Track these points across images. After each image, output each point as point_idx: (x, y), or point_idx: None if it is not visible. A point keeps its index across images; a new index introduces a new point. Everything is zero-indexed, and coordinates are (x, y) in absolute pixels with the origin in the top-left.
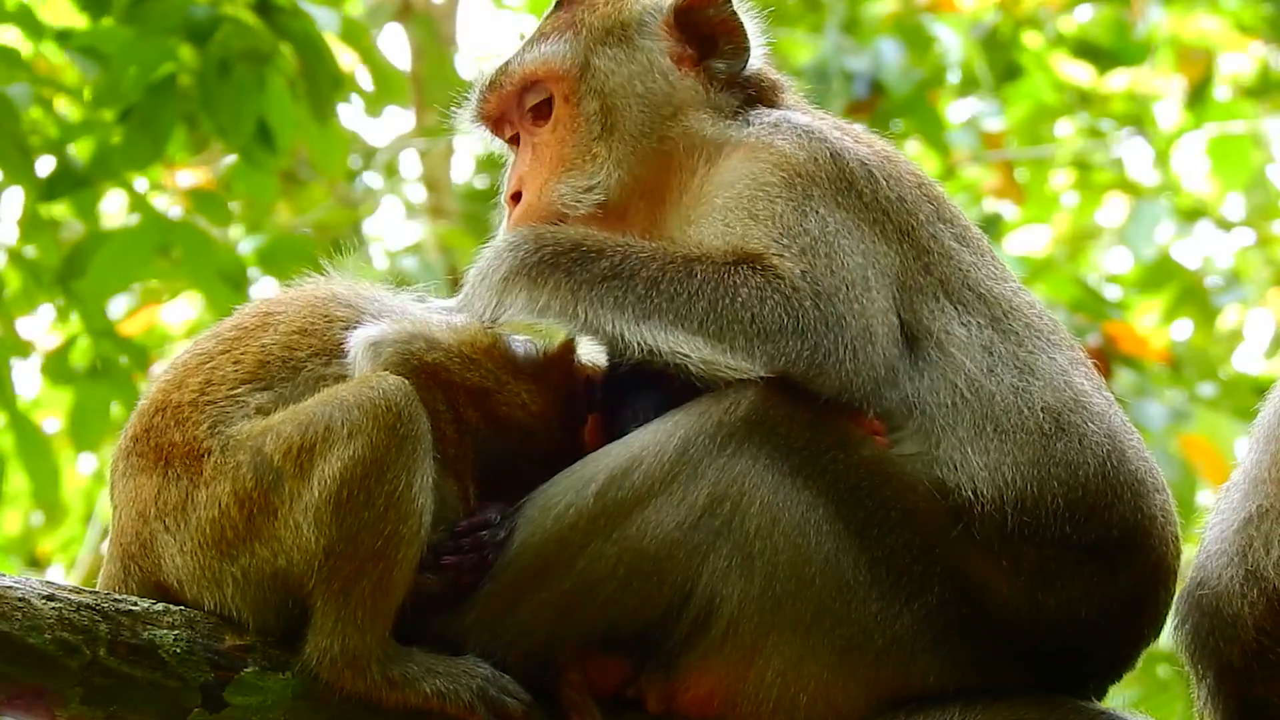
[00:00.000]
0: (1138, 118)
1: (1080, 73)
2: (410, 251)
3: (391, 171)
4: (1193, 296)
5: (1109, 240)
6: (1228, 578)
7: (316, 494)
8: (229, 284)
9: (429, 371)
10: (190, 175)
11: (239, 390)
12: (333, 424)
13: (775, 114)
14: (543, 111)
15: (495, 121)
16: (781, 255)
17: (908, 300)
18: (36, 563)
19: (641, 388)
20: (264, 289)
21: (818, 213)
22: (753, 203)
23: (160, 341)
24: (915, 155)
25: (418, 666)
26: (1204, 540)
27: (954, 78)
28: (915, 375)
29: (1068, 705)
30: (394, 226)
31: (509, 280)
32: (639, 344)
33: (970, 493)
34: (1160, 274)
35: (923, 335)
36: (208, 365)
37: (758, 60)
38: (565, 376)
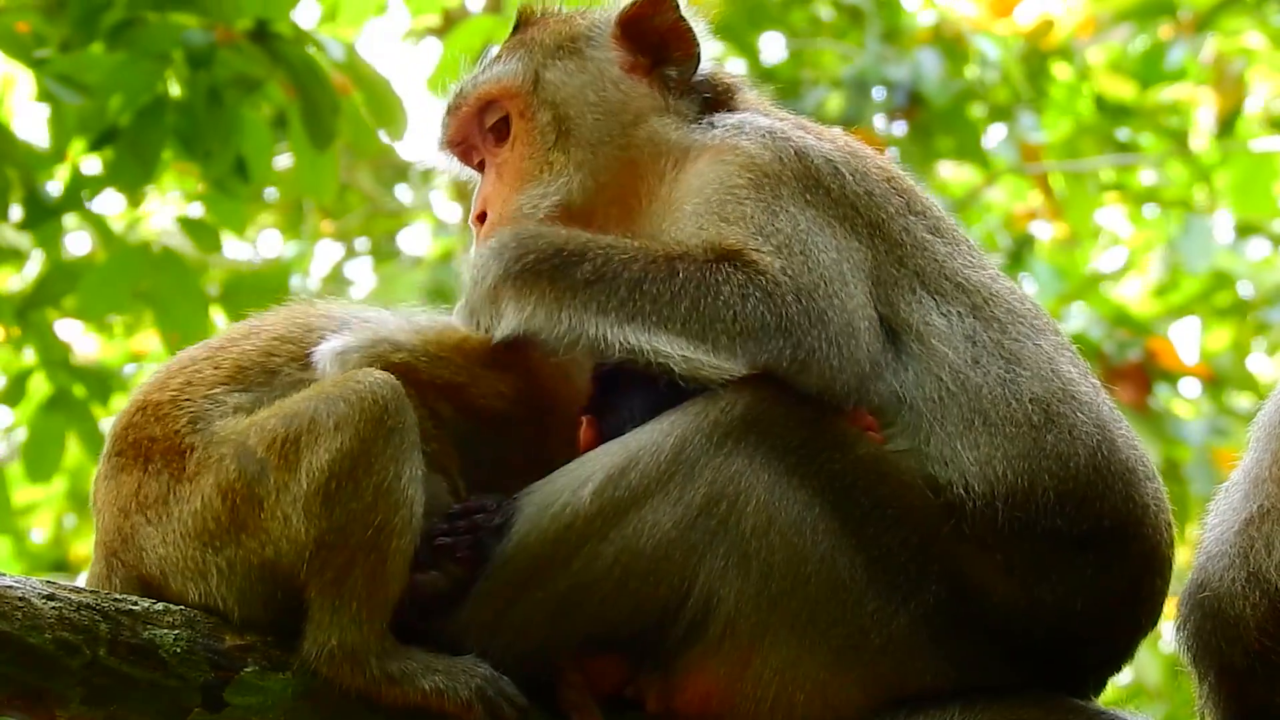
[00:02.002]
0: (1180, 135)
1: (1121, 89)
2: (441, 260)
3: (425, 180)
4: (1239, 311)
5: (1161, 254)
6: (1229, 579)
7: (305, 485)
8: (200, 316)
9: (398, 373)
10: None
11: (216, 390)
12: (318, 417)
13: (737, 116)
14: (502, 131)
15: (461, 148)
16: (760, 250)
17: (884, 294)
18: (66, 568)
19: (635, 387)
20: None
21: (788, 211)
22: (722, 206)
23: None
24: (953, 170)
25: (417, 663)
26: (1204, 541)
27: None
28: (899, 369)
29: (1067, 704)
30: (424, 239)
31: (498, 289)
32: (621, 346)
33: (961, 489)
34: (1210, 288)
35: (902, 329)
36: (189, 369)
37: (709, 64)
38: (537, 356)
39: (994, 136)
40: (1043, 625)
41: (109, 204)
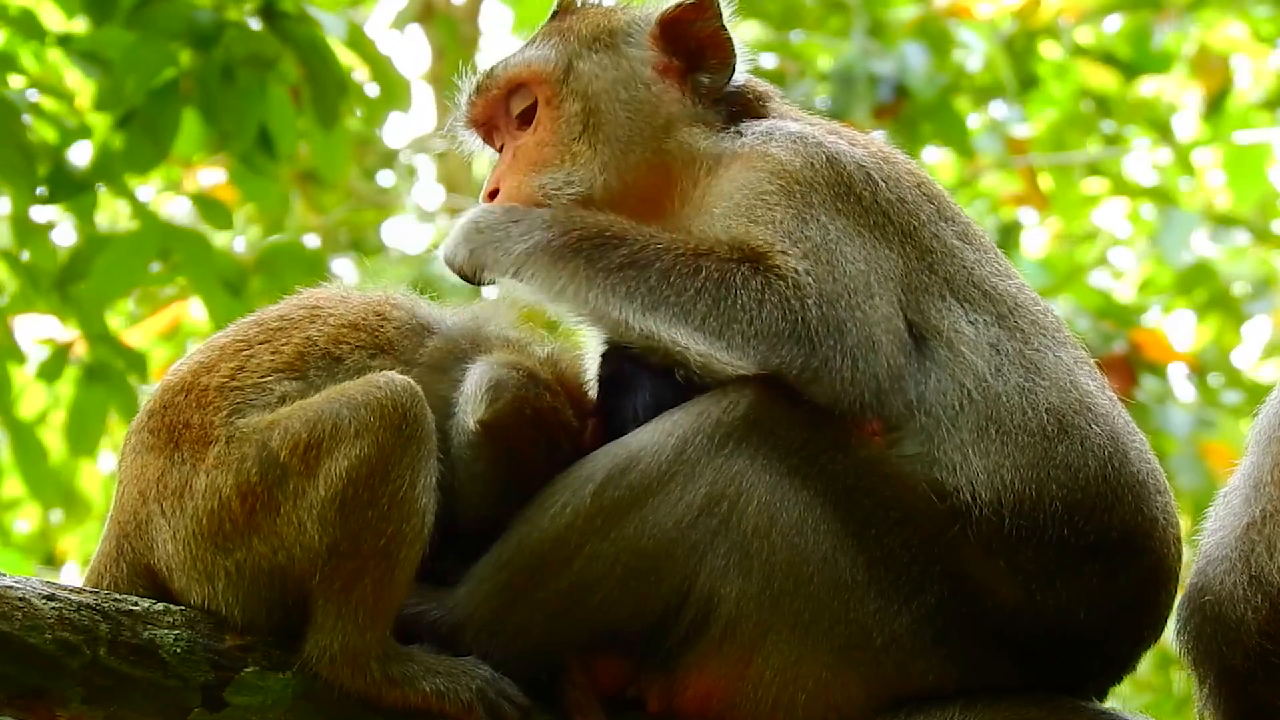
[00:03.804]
0: (1163, 125)
1: (1103, 79)
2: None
3: (409, 173)
4: (1221, 303)
5: (1139, 247)
6: (1230, 583)
7: (322, 492)
8: (228, 290)
9: (541, 414)
10: (212, 174)
11: (269, 379)
12: (340, 422)
13: (766, 123)
14: (527, 115)
15: (484, 128)
16: (786, 254)
17: (914, 301)
18: (53, 560)
19: (639, 389)
20: (262, 296)
21: (819, 220)
22: (751, 211)
23: (187, 340)
24: (938, 161)
25: (417, 665)
26: (1203, 545)
27: (976, 72)
28: (921, 376)
29: (1068, 705)
30: (408, 229)
31: (531, 256)
32: (641, 332)
33: (969, 496)
34: (1190, 280)
35: (931, 335)
36: (245, 352)
37: (743, 73)
38: (585, 393)
39: (977, 124)
40: (1045, 630)
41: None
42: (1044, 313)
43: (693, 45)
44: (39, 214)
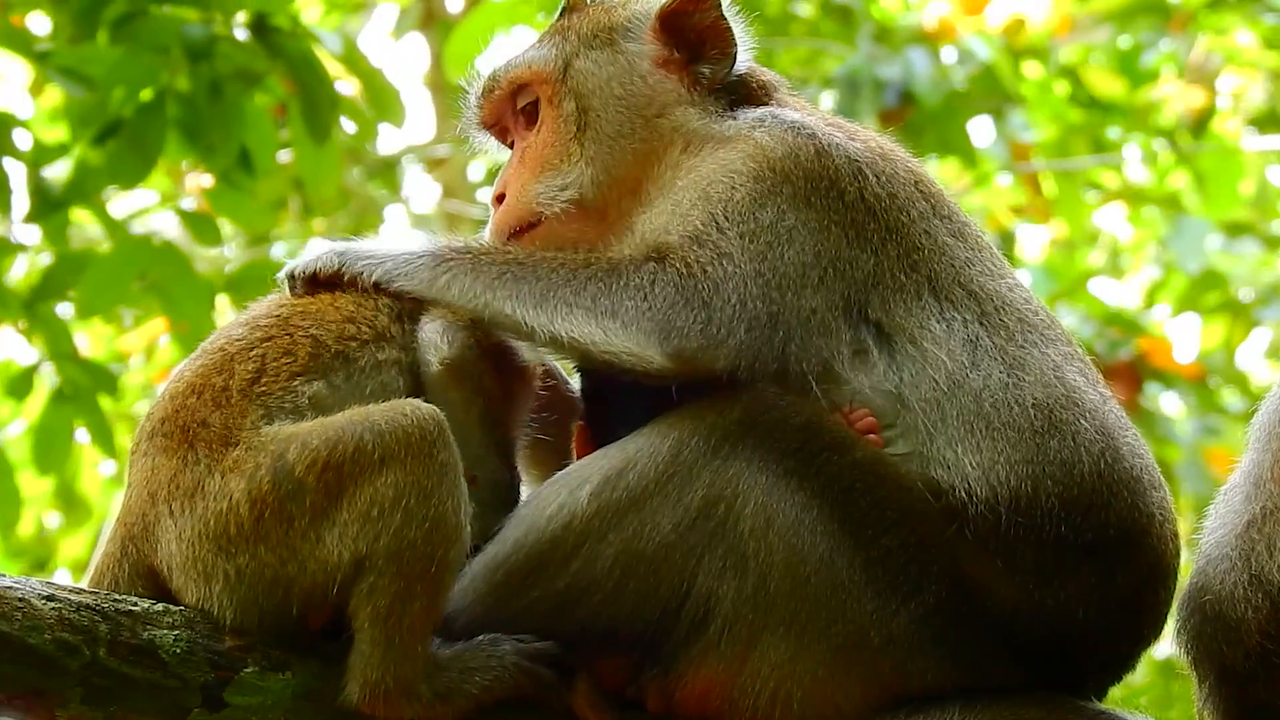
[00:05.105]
0: (1169, 131)
1: (1111, 87)
2: None
3: (392, 183)
4: (1230, 309)
5: (1148, 252)
6: (1230, 582)
7: (345, 514)
8: (204, 308)
9: (493, 349)
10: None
11: (295, 382)
12: (363, 446)
13: (762, 110)
14: (532, 115)
15: (496, 129)
16: (700, 244)
17: (879, 299)
18: (44, 567)
19: (626, 394)
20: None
21: (779, 208)
22: (711, 185)
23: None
24: (942, 166)
25: (453, 669)
26: (1203, 544)
27: (962, 79)
28: (894, 374)
29: (1068, 705)
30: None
31: (417, 257)
32: (540, 330)
33: (964, 493)
34: (1202, 287)
35: (895, 332)
36: (255, 351)
37: (745, 63)
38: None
39: (985, 136)
40: (1044, 628)
41: (113, 197)
42: (1034, 311)
43: (693, 37)
44: (18, 233)
